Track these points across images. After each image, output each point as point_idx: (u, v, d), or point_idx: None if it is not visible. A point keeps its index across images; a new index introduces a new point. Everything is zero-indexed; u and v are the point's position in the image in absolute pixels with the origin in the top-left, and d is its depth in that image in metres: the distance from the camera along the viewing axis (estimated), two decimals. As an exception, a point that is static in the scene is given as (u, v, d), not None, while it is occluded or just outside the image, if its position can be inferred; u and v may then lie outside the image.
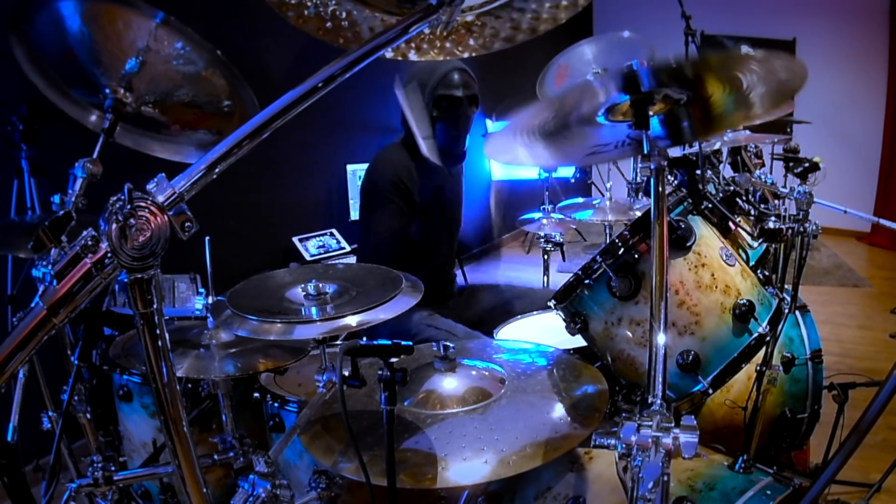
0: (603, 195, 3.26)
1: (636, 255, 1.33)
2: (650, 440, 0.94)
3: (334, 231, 4.15)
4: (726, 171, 2.52)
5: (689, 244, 1.33)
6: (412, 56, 1.16)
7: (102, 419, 1.92)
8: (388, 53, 1.12)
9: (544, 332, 1.98)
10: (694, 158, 1.72)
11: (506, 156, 1.30)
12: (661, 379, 1.00)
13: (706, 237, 1.38)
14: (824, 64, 6.25)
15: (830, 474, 1.23)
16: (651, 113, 1.09)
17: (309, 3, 1.08)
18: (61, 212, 1.35)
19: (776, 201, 1.82)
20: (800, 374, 2.00)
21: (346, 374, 1.20)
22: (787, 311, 1.47)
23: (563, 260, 3.48)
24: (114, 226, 0.63)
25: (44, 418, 1.83)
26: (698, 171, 1.62)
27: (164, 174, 0.69)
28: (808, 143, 3.13)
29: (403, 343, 1.14)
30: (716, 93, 1.08)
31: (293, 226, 4.08)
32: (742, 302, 1.32)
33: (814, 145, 3.25)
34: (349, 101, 4.31)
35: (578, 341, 1.53)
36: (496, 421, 1.26)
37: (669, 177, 1.62)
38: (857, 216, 2.17)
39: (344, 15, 1.09)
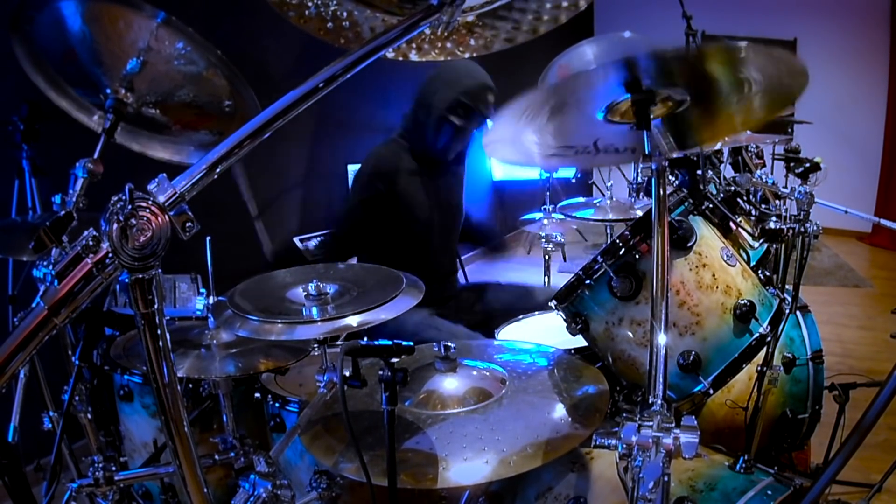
0: (604, 195, 3.25)
1: (637, 256, 1.33)
2: (651, 440, 0.94)
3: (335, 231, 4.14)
4: (727, 171, 2.51)
5: (689, 244, 1.33)
6: (413, 56, 1.17)
7: (103, 419, 1.92)
8: (389, 54, 1.12)
9: (545, 332, 1.98)
10: (695, 159, 1.72)
11: (506, 152, 1.30)
12: (661, 379, 1.00)
13: (707, 237, 1.38)
14: (825, 64, 6.25)
15: (831, 474, 1.23)
16: (652, 116, 1.09)
17: (310, 3, 1.08)
18: (62, 212, 1.35)
19: (777, 201, 1.82)
20: (801, 375, 2.00)
21: (347, 374, 1.20)
22: (787, 311, 1.46)
23: (564, 260, 3.49)
24: (115, 226, 0.63)
25: (45, 418, 1.83)
26: (699, 172, 1.63)
27: (165, 174, 0.69)
28: (809, 143, 3.12)
29: (404, 343, 1.14)
30: (716, 90, 1.08)
31: (294, 226, 4.09)
32: (743, 302, 1.32)
33: (815, 145, 3.24)
34: (350, 101, 4.31)
35: (579, 341, 1.53)
36: (497, 421, 1.26)
37: (670, 177, 1.62)
38: (858, 216, 2.17)
39: (345, 15, 1.09)
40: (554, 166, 3.38)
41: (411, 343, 1.15)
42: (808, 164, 1.92)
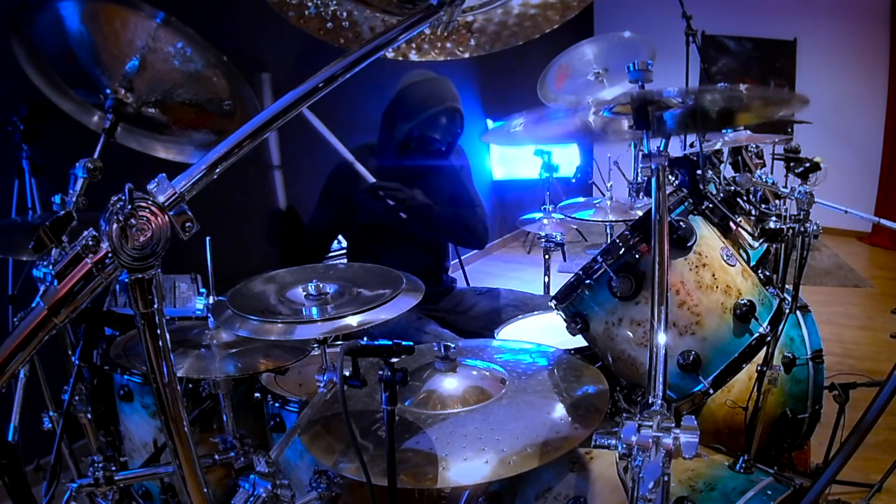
0: (604, 195, 3.25)
1: (637, 256, 1.33)
2: (651, 440, 0.94)
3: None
4: (727, 171, 2.51)
5: (689, 244, 1.33)
6: (413, 56, 1.17)
7: (103, 419, 1.92)
8: (389, 54, 1.12)
9: (545, 332, 1.98)
10: (695, 158, 1.72)
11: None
12: (661, 379, 1.00)
13: (707, 237, 1.38)
14: (825, 64, 6.26)
15: (831, 474, 1.23)
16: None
17: (310, 3, 1.08)
18: (62, 212, 1.35)
19: (777, 201, 1.82)
20: (801, 375, 2.00)
21: (347, 374, 1.20)
22: (787, 311, 1.46)
23: (564, 260, 3.48)
24: (115, 226, 0.63)
25: (44, 418, 1.83)
26: (699, 171, 1.62)
27: (164, 174, 0.69)
28: (809, 142, 3.12)
29: (404, 343, 1.14)
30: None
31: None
32: (743, 302, 1.32)
33: (815, 145, 3.25)
34: (350, 101, 4.31)
35: (579, 341, 1.53)
36: (497, 421, 1.26)
37: (670, 177, 1.62)
38: (858, 216, 2.17)
39: (345, 15, 1.09)
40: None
41: (411, 343, 1.15)
42: (808, 164, 1.92)
